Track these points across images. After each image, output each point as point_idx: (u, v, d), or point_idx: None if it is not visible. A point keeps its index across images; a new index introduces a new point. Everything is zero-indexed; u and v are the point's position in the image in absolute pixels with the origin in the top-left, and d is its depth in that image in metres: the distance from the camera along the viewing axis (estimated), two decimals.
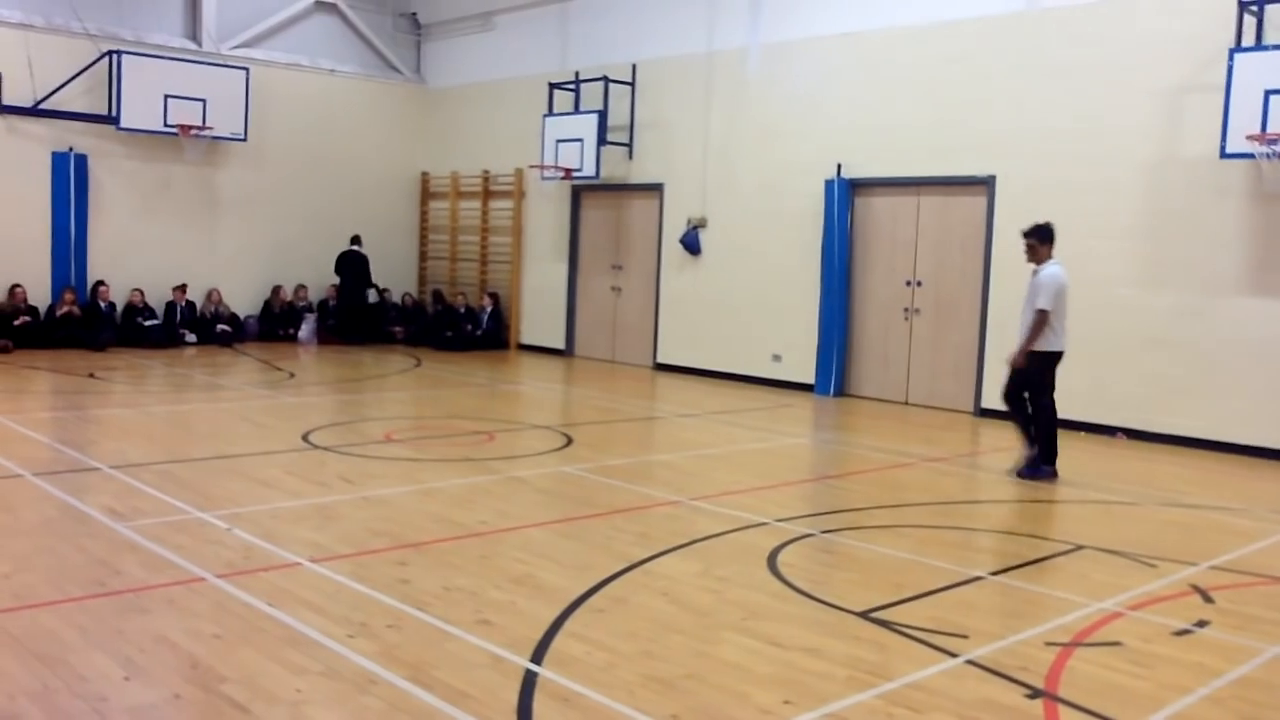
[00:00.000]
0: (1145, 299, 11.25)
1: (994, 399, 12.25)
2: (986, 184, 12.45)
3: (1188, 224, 10.98)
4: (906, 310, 13.36)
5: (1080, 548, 6.83)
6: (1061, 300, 8.86)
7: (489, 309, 18.22)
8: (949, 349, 12.98)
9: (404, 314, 18.87)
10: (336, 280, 18.23)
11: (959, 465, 9.77)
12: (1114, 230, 11.44)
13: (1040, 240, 9.05)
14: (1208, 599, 5.83)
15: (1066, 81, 11.76)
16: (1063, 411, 11.62)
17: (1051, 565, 6.42)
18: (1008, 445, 10.74)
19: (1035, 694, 4.41)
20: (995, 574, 6.16)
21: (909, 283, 13.33)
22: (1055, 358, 8.98)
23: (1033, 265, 9.10)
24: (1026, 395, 9.05)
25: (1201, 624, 5.39)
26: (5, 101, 15.44)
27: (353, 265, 18.04)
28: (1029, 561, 6.46)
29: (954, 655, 4.80)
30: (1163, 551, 6.80)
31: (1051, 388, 9.08)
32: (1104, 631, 5.22)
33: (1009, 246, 12.18)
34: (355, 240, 18.10)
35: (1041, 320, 8.80)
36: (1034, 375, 8.96)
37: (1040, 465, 9.04)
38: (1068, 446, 10.78)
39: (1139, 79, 11.22)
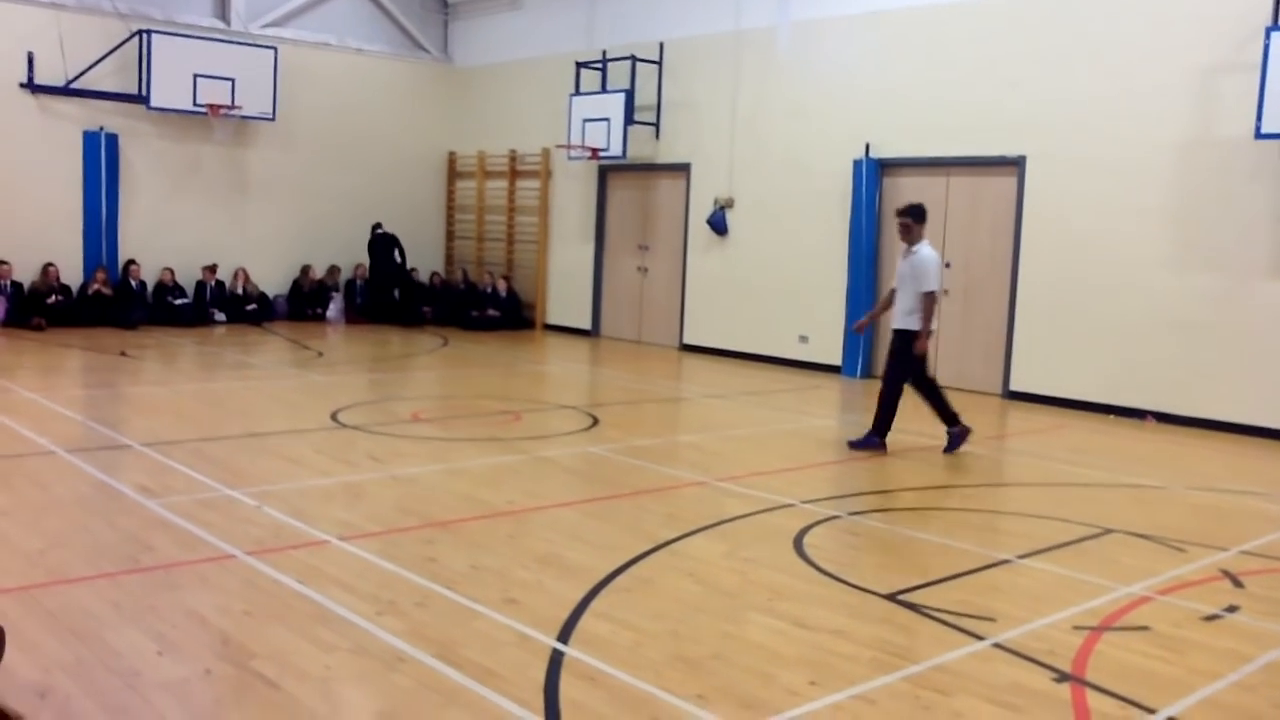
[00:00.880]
0: (1176, 281, 11.13)
1: (1024, 381, 12.25)
2: (1017, 164, 12.33)
3: (1220, 205, 10.84)
4: None
5: (1109, 531, 6.79)
6: (941, 279, 8.98)
7: (504, 290, 18.17)
8: (978, 331, 12.89)
9: (431, 293, 18.92)
10: (366, 260, 18.32)
11: (986, 447, 9.72)
12: (1145, 211, 11.31)
13: (915, 219, 9.09)
14: (1238, 584, 5.78)
15: (1098, 60, 11.62)
16: (1092, 394, 11.65)
17: (1079, 549, 6.39)
18: (1037, 428, 10.70)
19: (1063, 678, 4.40)
20: (1023, 557, 6.13)
21: None
22: (929, 335, 9.10)
23: (905, 245, 9.16)
24: (900, 375, 9.17)
25: (1232, 609, 5.36)
26: (37, 81, 15.56)
27: (385, 245, 18.12)
28: (1057, 545, 6.43)
29: (981, 638, 4.79)
30: (1192, 536, 6.75)
31: (924, 363, 9.20)
32: (1133, 616, 5.20)
33: (1040, 228, 12.12)
34: (377, 226, 18.19)
35: (932, 303, 8.90)
36: (905, 352, 9.06)
37: (873, 436, 9.17)
38: (1098, 430, 10.74)
39: (1173, 58, 11.07)
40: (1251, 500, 8.00)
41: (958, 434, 9.21)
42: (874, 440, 9.19)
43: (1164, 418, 11.19)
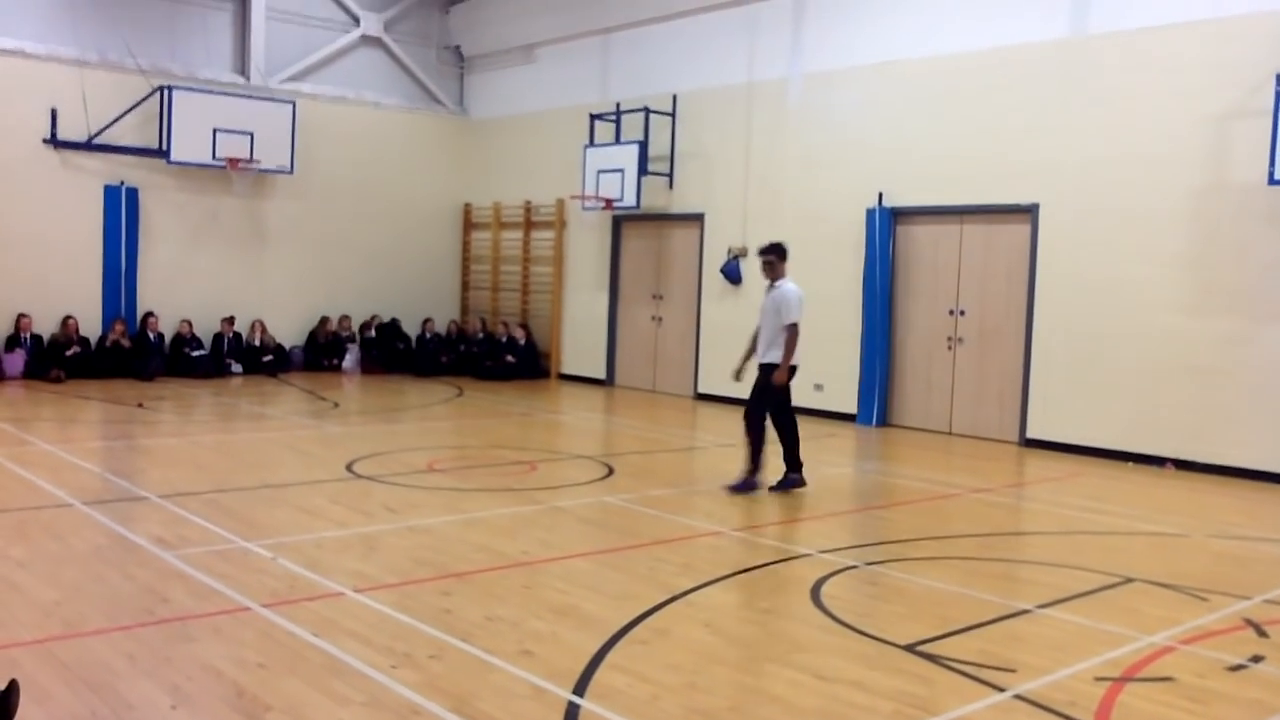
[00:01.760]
0: (1193, 327, 11.10)
1: (1041, 429, 12.19)
2: (1030, 212, 12.36)
3: (1235, 251, 10.83)
4: (950, 339, 13.27)
5: (1130, 580, 6.72)
6: (803, 313, 9.11)
7: (522, 340, 18.27)
8: (993, 378, 12.86)
9: (447, 343, 18.99)
10: (382, 311, 18.53)
11: (1005, 496, 9.66)
12: (1160, 257, 11.31)
13: (779, 257, 9.28)
14: (1262, 633, 5.70)
15: (1110, 108, 11.68)
16: (1110, 441, 11.58)
17: (1100, 598, 6.32)
18: (1055, 475, 10.63)
19: None
20: (1043, 607, 6.07)
21: (952, 312, 13.24)
22: (791, 371, 9.16)
23: (768, 281, 9.29)
24: (767, 414, 9.25)
25: (1256, 659, 5.28)
26: (60, 137, 15.80)
27: (390, 333, 18.64)
28: (1077, 594, 6.36)
29: (1001, 690, 4.73)
30: (1215, 584, 6.67)
31: (789, 399, 9.27)
32: (1155, 666, 5.13)
33: (1054, 275, 12.12)
34: (366, 328, 18.68)
35: (795, 335, 9.01)
36: (780, 391, 9.13)
37: (792, 475, 9.24)
38: (1116, 477, 10.66)
39: (1185, 105, 11.12)
40: (1273, 547, 7.91)
41: (793, 481, 9.25)
42: (793, 478, 9.25)
43: (1182, 464, 11.10)
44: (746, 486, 9.12)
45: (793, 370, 9.15)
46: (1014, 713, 4.49)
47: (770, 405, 9.21)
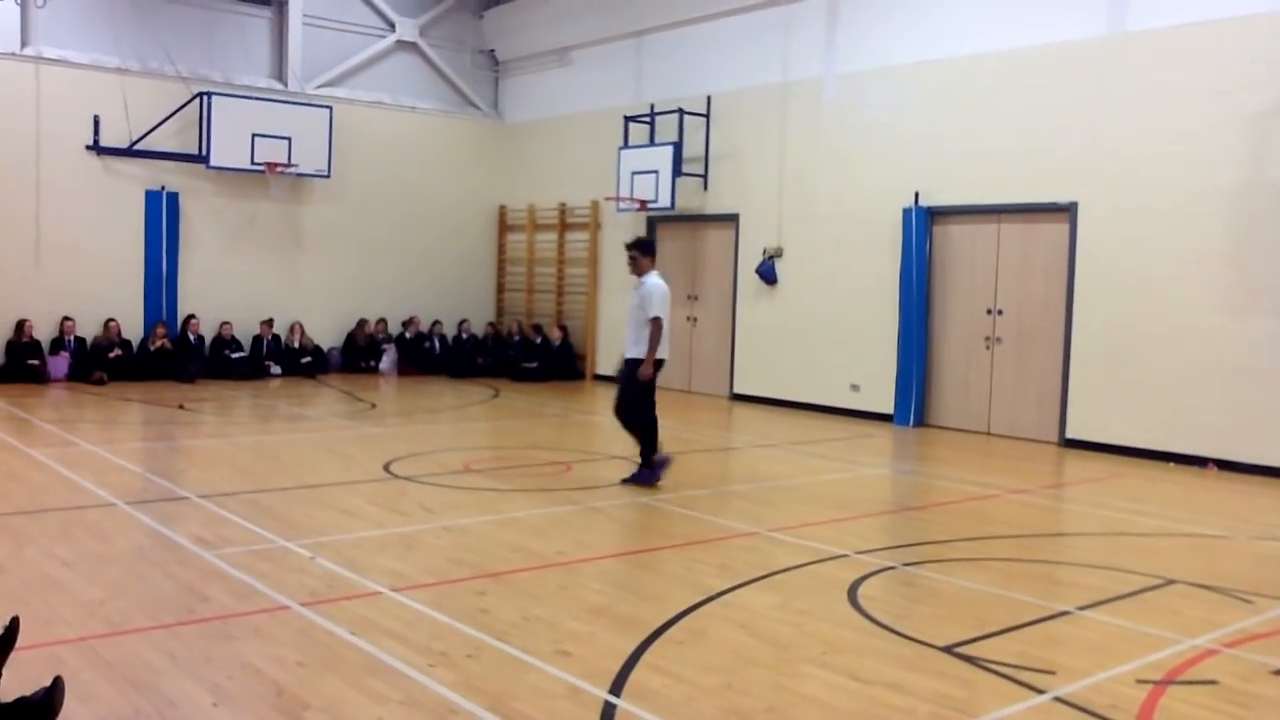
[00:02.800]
0: (1234, 326, 10.94)
1: (1080, 429, 12.07)
2: (1069, 210, 12.25)
3: (1276, 249, 10.67)
4: (988, 339, 13.17)
5: (1171, 582, 6.64)
6: (667, 308, 9.18)
7: (559, 340, 18.32)
8: (1032, 378, 12.75)
9: (482, 346, 19.08)
10: (419, 314, 18.61)
11: (1043, 497, 9.57)
12: (1200, 256, 11.17)
13: (642, 253, 9.45)
14: None
15: (1148, 106, 11.56)
16: (1150, 441, 11.45)
17: (1142, 600, 6.25)
18: (1095, 476, 10.52)
19: None
20: (1083, 609, 6.01)
21: (990, 311, 13.14)
22: (657, 365, 9.22)
23: (635, 277, 9.44)
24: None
25: None
26: (102, 143, 16.03)
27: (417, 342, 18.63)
28: (1118, 596, 6.29)
29: (1041, 692, 4.69)
30: (1259, 586, 6.57)
31: (653, 393, 9.34)
32: (1198, 669, 5.06)
33: (1093, 274, 12.00)
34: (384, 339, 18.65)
35: (658, 329, 9.09)
36: (644, 384, 9.19)
37: (655, 465, 9.22)
38: (1157, 478, 10.54)
39: (1223, 102, 10.98)
40: None
41: (646, 476, 9.17)
42: (652, 471, 9.22)
43: (1225, 465, 10.95)
44: (649, 472, 9.21)
45: (659, 364, 9.24)
46: (1054, 715, 4.45)
47: (639, 398, 9.28)
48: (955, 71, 13.27)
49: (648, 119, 16.87)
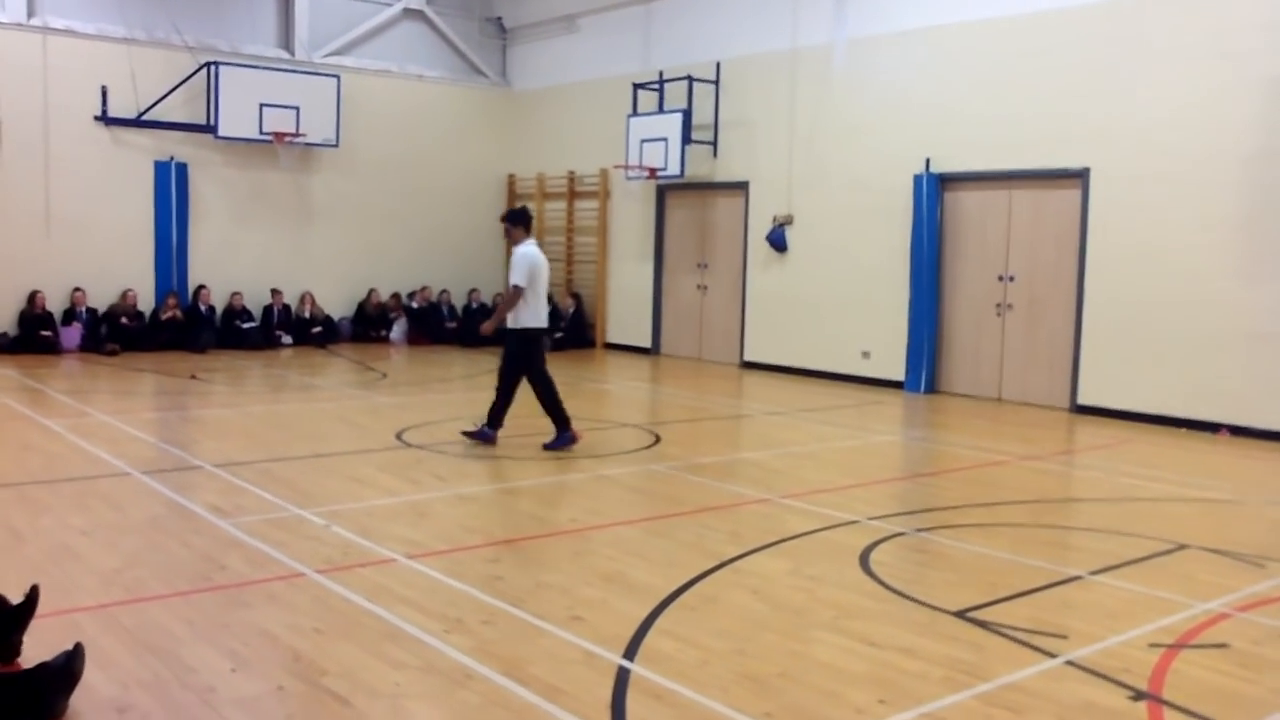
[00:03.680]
0: (1246, 293, 10.89)
1: (1092, 395, 12.05)
2: (1081, 176, 12.17)
3: None
4: (999, 306, 13.13)
5: (1184, 547, 6.65)
6: (537, 278, 9.20)
7: (572, 309, 18.33)
8: (1043, 344, 12.72)
9: (493, 314, 19.04)
10: (430, 283, 18.62)
11: (1054, 463, 9.57)
12: (1213, 222, 11.09)
13: (514, 223, 9.54)
14: None
15: (1164, 70, 11.45)
16: (1162, 407, 11.42)
17: (1153, 565, 6.26)
18: (1106, 442, 10.52)
19: (1139, 696, 4.31)
20: (1094, 574, 6.02)
21: (1001, 278, 13.09)
22: (539, 334, 9.36)
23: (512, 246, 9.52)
24: (526, 378, 9.34)
25: None
26: (110, 114, 16.01)
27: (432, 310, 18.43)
28: (1129, 561, 6.31)
29: (1053, 656, 4.71)
30: (1271, 551, 6.58)
31: (543, 362, 9.39)
32: (1210, 633, 5.08)
33: (1105, 240, 11.94)
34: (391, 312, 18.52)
35: (515, 296, 9.15)
36: (522, 354, 9.29)
37: (562, 433, 9.27)
38: (1169, 443, 10.53)
39: (1239, 66, 10.87)
40: None
41: (565, 439, 9.24)
42: (566, 435, 9.24)
43: (1237, 430, 10.93)
44: (481, 436, 9.36)
45: (540, 332, 9.35)
46: (1065, 679, 4.47)
47: (520, 367, 9.32)
48: (967, 36, 13.15)
49: (656, 86, 16.78)
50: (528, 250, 9.32)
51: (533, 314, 9.28)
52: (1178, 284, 11.38)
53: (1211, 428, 11.09)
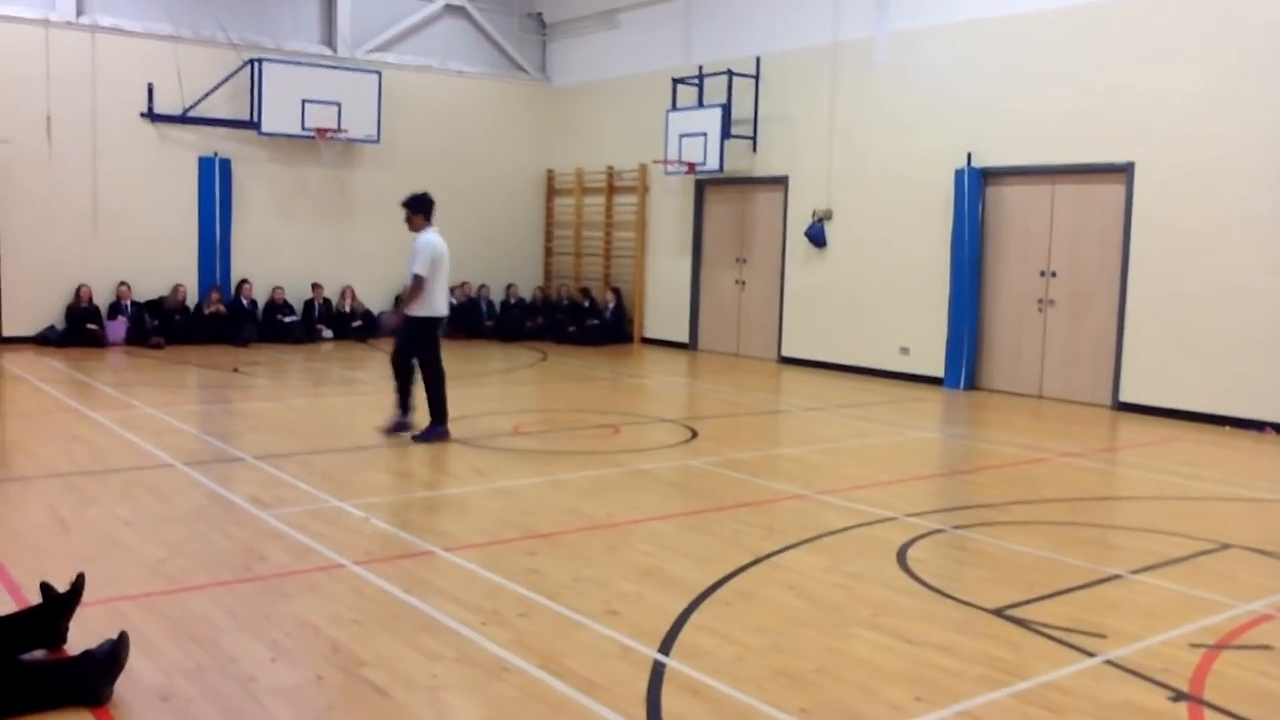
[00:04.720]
0: None
1: (1135, 392, 11.91)
2: (1125, 171, 12.02)
3: None
4: (1041, 302, 13.00)
5: (1227, 547, 6.56)
6: (438, 267, 9.11)
7: (612, 304, 18.36)
8: (1085, 341, 12.58)
9: (530, 309, 19.16)
10: (470, 279, 18.69)
11: (1096, 460, 9.48)
12: (1260, 217, 10.92)
13: (414, 210, 9.41)
14: None
15: (1207, 62, 11.27)
16: (1206, 405, 11.26)
17: (1195, 564, 6.18)
18: (1149, 440, 10.39)
19: (1179, 697, 4.26)
20: (1135, 573, 5.96)
21: (1043, 273, 12.96)
22: (435, 323, 9.22)
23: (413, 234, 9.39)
24: (416, 361, 9.26)
25: None
26: (156, 110, 16.21)
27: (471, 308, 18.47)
28: (1171, 560, 6.23)
29: (1092, 655, 4.67)
30: None
31: (437, 351, 9.26)
32: (1253, 634, 5.01)
33: (1150, 235, 11.80)
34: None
35: (418, 285, 9.03)
36: (416, 340, 9.21)
37: (435, 427, 9.19)
38: (1213, 442, 10.38)
39: None
40: None
41: (437, 432, 9.17)
42: (439, 430, 9.20)
43: None
44: (398, 427, 9.31)
45: (436, 321, 9.23)
46: (1105, 678, 4.43)
47: (415, 354, 9.27)
48: (1009, 29, 13.02)
49: (696, 81, 16.76)
50: (430, 238, 9.25)
51: (431, 302, 9.23)
52: (1223, 280, 11.22)
53: (1256, 426, 10.93)
